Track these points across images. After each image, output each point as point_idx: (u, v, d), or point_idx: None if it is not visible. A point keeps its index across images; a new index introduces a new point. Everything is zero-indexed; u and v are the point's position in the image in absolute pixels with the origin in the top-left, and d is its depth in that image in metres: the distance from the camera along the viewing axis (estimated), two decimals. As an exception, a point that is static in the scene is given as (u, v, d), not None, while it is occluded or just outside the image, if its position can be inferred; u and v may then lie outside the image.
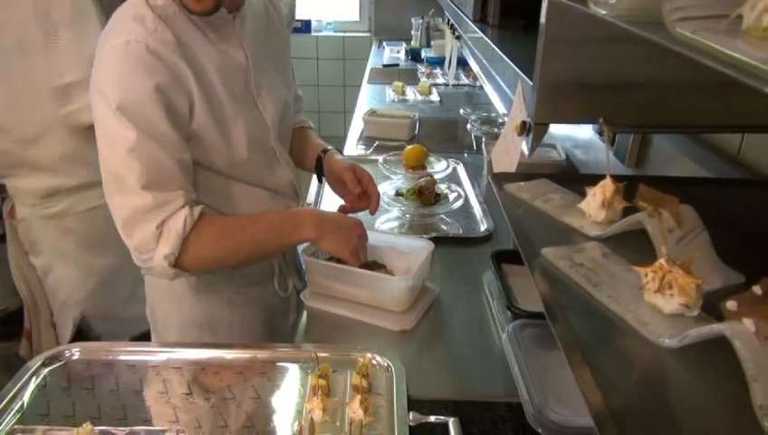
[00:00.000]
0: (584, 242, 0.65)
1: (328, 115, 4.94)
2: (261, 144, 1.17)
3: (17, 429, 0.85)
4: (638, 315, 0.51)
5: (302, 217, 1.14)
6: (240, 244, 1.10)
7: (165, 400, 0.94)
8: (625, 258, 0.61)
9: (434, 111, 2.75)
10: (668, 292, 0.50)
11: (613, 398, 0.43)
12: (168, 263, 1.01)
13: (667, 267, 0.51)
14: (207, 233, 1.04)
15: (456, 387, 1.04)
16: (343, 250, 1.15)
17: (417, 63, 3.71)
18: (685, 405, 0.44)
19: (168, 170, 1.01)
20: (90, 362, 1.01)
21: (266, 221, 1.13)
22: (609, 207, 0.67)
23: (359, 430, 0.85)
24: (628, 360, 0.50)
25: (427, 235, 1.47)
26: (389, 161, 1.88)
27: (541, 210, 0.72)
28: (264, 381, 0.98)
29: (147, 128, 0.98)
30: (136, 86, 0.97)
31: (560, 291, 0.55)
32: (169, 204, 1.01)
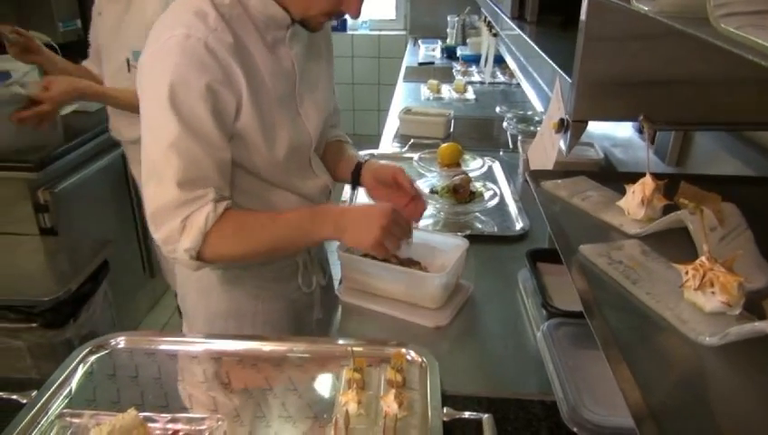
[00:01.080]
0: (623, 240, 0.65)
1: (362, 113, 4.97)
2: (299, 152, 1.19)
3: (66, 413, 0.89)
4: (677, 313, 0.51)
5: (321, 216, 1.12)
6: (259, 242, 1.10)
7: (204, 389, 0.97)
8: (665, 256, 0.60)
9: (469, 110, 2.74)
10: (709, 290, 0.50)
11: (652, 395, 0.43)
12: (189, 256, 1.04)
13: (709, 265, 0.50)
14: (228, 230, 1.06)
15: (489, 384, 1.04)
16: (365, 244, 1.10)
17: (452, 61, 3.70)
18: (725, 405, 0.44)
19: (204, 169, 1.03)
20: (133, 350, 1.05)
21: (286, 220, 1.12)
22: (648, 205, 0.66)
23: (393, 423, 0.86)
24: (668, 357, 0.49)
25: (462, 233, 1.47)
26: (424, 159, 1.88)
27: (578, 208, 0.72)
28: (300, 374, 0.99)
29: (191, 124, 1.00)
30: (188, 81, 0.99)
31: (597, 287, 0.55)
32: (197, 200, 1.03)
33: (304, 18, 1.09)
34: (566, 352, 0.97)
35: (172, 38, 0.99)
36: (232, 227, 1.07)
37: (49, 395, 0.92)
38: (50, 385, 0.93)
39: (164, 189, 1.03)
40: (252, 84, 1.06)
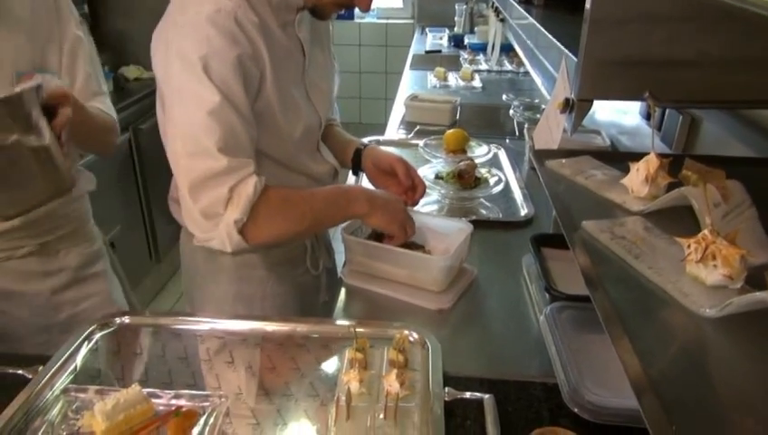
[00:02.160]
0: (626, 217, 0.64)
1: (369, 102, 4.96)
2: (310, 135, 1.19)
3: (71, 388, 0.90)
4: (679, 286, 0.51)
5: (354, 193, 1.17)
6: (302, 214, 1.10)
7: (208, 367, 0.97)
8: (668, 233, 0.60)
9: (476, 97, 2.73)
10: (711, 263, 0.49)
11: (653, 366, 0.43)
12: (236, 229, 1.01)
13: (711, 238, 0.50)
14: (274, 201, 1.05)
15: (491, 366, 1.05)
16: (392, 225, 1.17)
17: (459, 50, 3.68)
18: (726, 375, 0.44)
19: (241, 138, 1.01)
20: (138, 329, 1.05)
21: (323, 195, 1.15)
22: (652, 183, 0.66)
23: (394, 402, 0.86)
24: (669, 330, 0.49)
25: (467, 218, 1.47)
26: (430, 145, 1.88)
27: (582, 186, 0.72)
28: (303, 353, 1.00)
29: (228, 94, 0.99)
30: (222, 52, 0.98)
31: (600, 262, 0.55)
32: (242, 169, 1.01)
33: (316, 5, 1.09)
34: (568, 336, 0.97)
35: (201, 12, 0.99)
36: (277, 198, 1.06)
37: (54, 371, 0.93)
38: (55, 361, 0.94)
39: (203, 158, 0.99)
40: (274, 62, 1.06)
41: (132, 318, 1.06)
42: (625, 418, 0.80)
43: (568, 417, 0.87)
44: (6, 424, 0.82)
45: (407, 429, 0.83)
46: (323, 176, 1.24)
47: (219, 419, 0.85)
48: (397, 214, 1.17)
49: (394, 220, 1.17)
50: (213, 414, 0.86)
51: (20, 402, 0.86)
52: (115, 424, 0.81)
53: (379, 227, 1.20)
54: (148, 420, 0.84)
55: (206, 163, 0.99)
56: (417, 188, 1.30)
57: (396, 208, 1.18)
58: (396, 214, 1.17)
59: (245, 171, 1.01)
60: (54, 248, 1.32)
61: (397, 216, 1.17)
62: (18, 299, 1.30)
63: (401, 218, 1.18)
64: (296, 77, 1.14)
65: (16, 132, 0.95)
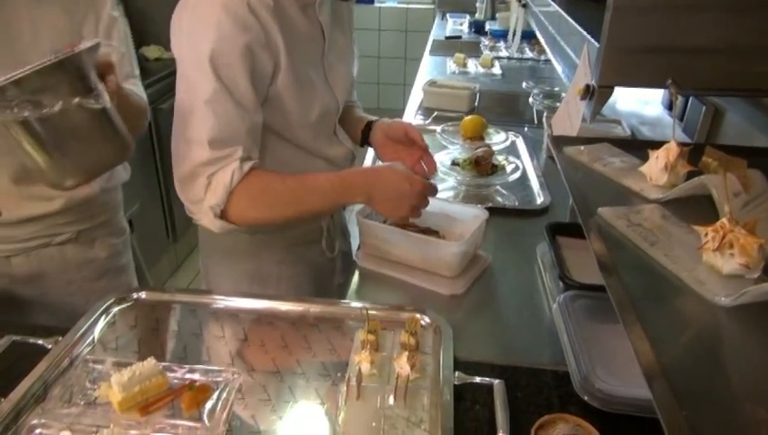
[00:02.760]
0: (643, 204, 0.64)
1: (387, 87, 4.94)
2: (327, 118, 1.19)
3: (89, 359, 0.92)
4: (695, 274, 0.50)
5: (351, 183, 1.11)
6: (285, 204, 1.09)
7: (222, 344, 0.99)
8: (686, 222, 0.59)
9: (495, 84, 2.70)
10: (728, 251, 0.49)
11: (665, 354, 0.43)
12: (213, 214, 1.04)
13: (729, 227, 0.50)
14: (254, 190, 1.05)
15: (503, 352, 1.05)
16: (392, 218, 1.15)
17: (480, 36, 3.64)
18: (739, 364, 0.43)
19: (235, 130, 1.02)
20: (155, 304, 1.07)
21: (314, 185, 1.10)
22: (671, 171, 0.65)
23: (404, 384, 0.87)
24: (682, 317, 0.49)
25: (483, 205, 1.46)
26: (447, 131, 1.87)
27: (600, 173, 0.71)
28: (315, 333, 1.01)
29: (228, 84, 1.00)
30: (229, 39, 0.98)
31: (615, 249, 0.55)
32: (225, 158, 1.03)
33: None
34: (581, 324, 0.97)
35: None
36: (258, 187, 1.06)
37: (73, 342, 0.95)
38: (74, 333, 0.96)
39: (193, 147, 1.02)
40: (289, 47, 1.05)
41: (149, 294, 1.08)
42: (635, 407, 0.79)
43: (577, 405, 0.87)
44: (26, 392, 0.85)
45: (416, 410, 0.84)
46: (339, 159, 1.24)
47: (232, 394, 0.86)
48: (401, 208, 1.09)
49: (394, 214, 1.12)
50: (225, 389, 0.87)
51: (40, 371, 0.88)
52: (131, 395, 0.83)
53: (382, 214, 1.17)
54: (162, 393, 0.86)
55: (195, 152, 1.02)
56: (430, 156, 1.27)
57: (401, 203, 1.09)
58: (399, 208, 1.09)
59: (228, 160, 1.03)
60: (90, 237, 1.34)
61: (400, 210, 1.10)
62: (52, 283, 1.31)
63: (404, 213, 1.11)
64: (315, 60, 1.13)
65: (77, 95, 0.94)
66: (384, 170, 1.13)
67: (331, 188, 1.09)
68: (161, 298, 1.08)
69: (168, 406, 0.85)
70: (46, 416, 0.82)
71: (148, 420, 0.82)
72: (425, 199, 1.11)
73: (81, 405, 0.84)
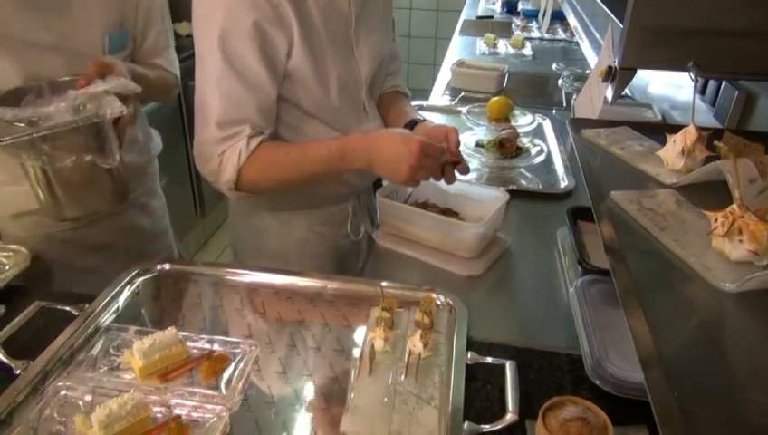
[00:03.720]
0: (658, 189, 0.63)
1: (417, 67, 4.89)
2: (352, 93, 1.19)
3: (113, 326, 0.96)
4: (702, 260, 0.50)
5: (350, 149, 1.11)
6: (290, 175, 1.13)
7: (241, 316, 1.01)
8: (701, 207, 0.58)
9: (525, 65, 2.66)
10: (737, 237, 0.48)
11: (663, 339, 0.43)
12: (228, 188, 1.11)
13: (739, 212, 0.49)
14: (260, 163, 1.10)
15: (517, 334, 1.05)
16: (395, 182, 1.12)
17: (512, 16, 3.58)
18: (738, 350, 0.43)
19: (244, 109, 1.06)
20: (178, 276, 1.10)
21: (316, 154, 1.12)
22: (689, 156, 0.64)
23: (417, 361, 0.88)
24: (686, 303, 0.48)
25: (505, 187, 1.45)
26: (473, 112, 1.86)
27: (616, 156, 0.70)
28: (332, 310, 1.03)
29: (237, 63, 1.02)
30: (237, 18, 1.00)
31: (623, 232, 0.54)
32: (233, 137, 1.08)
33: None
34: (597, 309, 0.96)
35: None
36: (264, 160, 1.11)
37: (99, 310, 0.98)
38: (100, 301, 1.00)
39: (206, 127, 1.08)
40: (303, 22, 1.05)
41: (172, 266, 1.11)
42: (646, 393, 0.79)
43: (590, 389, 0.87)
44: (53, 355, 0.88)
45: (426, 388, 0.85)
46: None
47: (248, 365, 0.89)
48: (400, 170, 1.06)
49: (396, 177, 1.08)
50: (243, 360, 0.90)
51: (66, 337, 0.92)
52: (151, 362, 0.86)
53: (385, 178, 1.16)
54: (182, 361, 0.88)
55: (205, 132, 1.09)
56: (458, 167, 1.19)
57: (399, 165, 1.06)
58: (399, 171, 1.06)
59: (236, 138, 1.08)
60: (139, 203, 1.40)
61: (399, 172, 1.06)
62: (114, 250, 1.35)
63: (404, 175, 1.06)
64: (340, 33, 1.13)
65: (91, 152, 1.03)
66: (381, 134, 1.13)
67: (331, 155, 1.11)
68: (184, 270, 1.11)
69: (186, 374, 0.87)
70: (71, 379, 0.85)
71: (168, 386, 0.85)
72: (426, 159, 1.07)
73: (104, 370, 0.88)
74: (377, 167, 1.10)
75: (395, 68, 1.41)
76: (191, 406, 0.82)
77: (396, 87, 1.40)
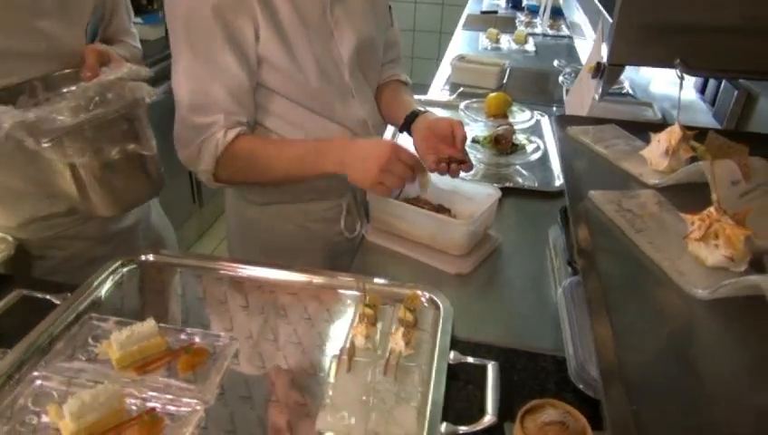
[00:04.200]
0: (640, 189, 0.61)
1: (420, 61, 4.87)
2: (333, 77, 1.17)
3: (93, 316, 0.94)
4: (676, 265, 0.48)
5: (324, 151, 1.10)
6: (266, 169, 1.14)
7: (224, 309, 1.00)
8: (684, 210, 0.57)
9: (527, 62, 2.63)
10: (713, 242, 0.46)
11: (628, 349, 0.41)
12: (205, 178, 1.12)
13: (716, 216, 0.47)
14: (237, 157, 1.11)
15: (503, 334, 1.03)
16: (364, 184, 1.09)
17: (516, 11, 3.55)
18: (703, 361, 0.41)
19: (213, 96, 1.06)
20: (161, 267, 1.09)
21: (293, 151, 1.13)
22: (673, 156, 0.62)
23: (396, 360, 0.87)
24: (655, 310, 0.47)
25: (500, 184, 1.43)
26: (471, 108, 1.84)
27: (600, 154, 0.68)
28: (316, 304, 1.01)
29: (202, 49, 1.04)
30: (196, 6, 1.01)
31: (598, 234, 0.52)
32: (209, 127, 1.08)
33: None
34: (583, 311, 0.94)
35: None
36: (241, 154, 1.11)
37: (80, 299, 0.97)
38: (81, 291, 0.99)
39: (181, 115, 1.09)
40: (267, 6, 1.05)
41: (156, 256, 1.10)
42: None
43: (573, 392, 0.85)
44: (31, 344, 0.87)
45: (406, 386, 0.84)
46: (353, 124, 1.22)
47: (227, 359, 0.88)
48: (368, 171, 1.04)
49: (364, 178, 1.06)
50: (222, 354, 0.88)
51: (46, 326, 0.91)
52: (129, 353, 0.85)
53: (355, 182, 1.11)
54: (160, 354, 0.87)
55: (181, 120, 1.10)
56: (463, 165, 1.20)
57: (368, 165, 1.04)
58: (367, 171, 1.04)
59: (213, 128, 1.09)
60: None
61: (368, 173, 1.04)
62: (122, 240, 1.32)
63: (373, 176, 1.04)
64: (314, 15, 1.11)
65: (129, 141, 1.03)
66: (360, 140, 1.14)
67: (306, 154, 1.12)
68: (167, 261, 1.10)
69: (165, 367, 0.86)
70: (48, 368, 0.84)
71: (144, 379, 0.84)
72: (396, 164, 1.04)
73: (82, 360, 0.87)
74: (348, 167, 1.08)
75: (393, 55, 1.39)
76: (167, 399, 0.81)
77: (394, 76, 1.38)
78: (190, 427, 0.77)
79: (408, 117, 1.27)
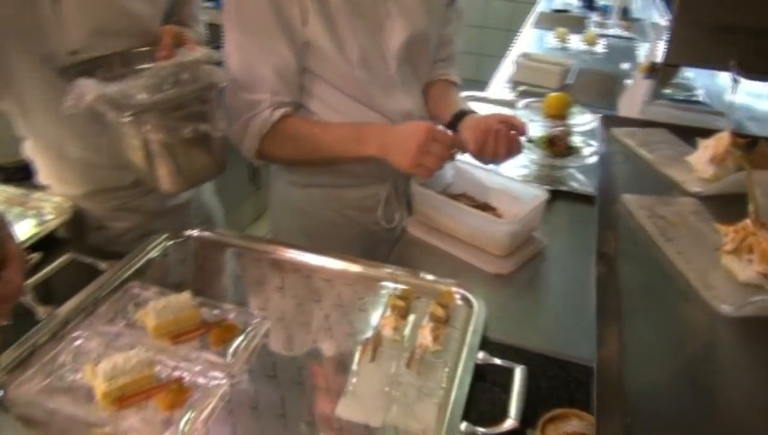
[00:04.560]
0: (679, 197, 0.58)
1: (487, 59, 4.77)
2: (378, 68, 1.16)
3: (136, 284, 0.98)
4: (705, 277, 0.45)
5: (366, 133, 1.13)
6: (310, 150, 1.16)
7: (260, 289, 1.02)
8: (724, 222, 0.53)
9: (596, 63, 2.54)
10: (747, 256, 0.43)
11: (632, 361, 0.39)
12: (249, 154, 1.16)
13: (752, 229, 0.43)
14: (281, 137, 1.13)
15: (537, 339, 1.00)
16: (404, 165, 1.08)
17: (590, 11, 3.43)
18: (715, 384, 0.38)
19: (261, 75, 1.09)
20: (205, 243, 1.12)
21: (336, 133, 1.15)
22: (719, 164, 0.58)
23: (421, 354, 0.86)
24: (673, 323, 0.44)
25: (551, 187, 1.39)
26: (529, 107, 1.79)
27: (643, 159, 0.65)
28: (349, 293, 1.02)
29: (252, 32, 1.06)
30: None
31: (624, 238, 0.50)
32: (256, 106, 1.10)
33: None
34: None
35: None
36: (285, 134, 1.14)
37: (126, 268, 1.02)
38: (127, 260, 1.03)
39: (231, 89, 1.11)
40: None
41: (200, 233, 1.13)
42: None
43: (604, 405, 0.82)
44: (77, 306, 0.92)
45: (428, 382, 0.83)
46: (396, 115, 1.22)
47: (257, 337, 0.89)
48: (408, 150, 1.05)
49: (404, 158, 1.07)
50: (253, 332, 0.90)
51: (92, 289, 0.96)
52: (164, 323, 0.88)
53: (396, 165, 1.10)
54: (194, 326, 0.90)
55: (230, 96, 1.12)
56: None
57: (407, 144, 1.05)
58: (407, 151, 1.05)
59: (259, 107, 1.11)
60: None
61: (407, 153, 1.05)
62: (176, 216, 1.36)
63: (412, 156, 1.05)
64: (365, 3, 1.11)
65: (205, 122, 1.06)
66: (399, 124, 1.15)
67: (348, 136, 1.14)
68: (211, 239, 1.13)
69: (198, 339, 0.89)
70: (89, 329, 0.89)
71: (177, 348, 0.87)
72: (434, 144, 1.05)
73: (121, 325, 0.91)
74: (389, 149, 1.09)
75: (446, 54, 1.37)
76: (195, 370, 0.83)
77: (445, 75, 1.36)
78: (214, 399, 0.79)
79: (456, 114, 1.25)
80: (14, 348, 0.84)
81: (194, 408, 0.78)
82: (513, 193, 1.25)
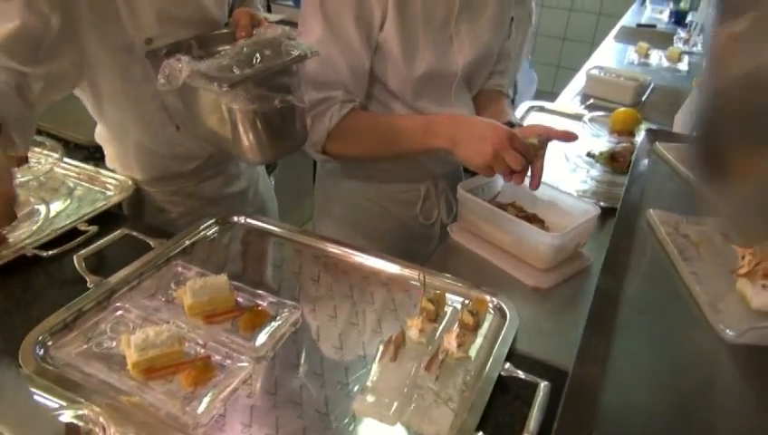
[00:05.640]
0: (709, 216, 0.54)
1: (566, 72, 4.66)
2: (440, 82, 1.17)
3: (180, 263, 1.03)
4: (716, 300, 0.42)
5: (435, 125, 1.10)
6: (377, 144, 1.16)
7: (295, 280, 1.04)
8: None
9: (675, 81, 2.42)
10: (761, 282, 0.40)
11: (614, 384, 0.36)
12: (315, 150, 1.16)
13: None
14: (348, 130, 1.13)
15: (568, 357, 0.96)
16: (474, 162, 1.06)
17: (678, 27, 3.26)
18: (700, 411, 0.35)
19: (338, 72, 1.09)
20: (250, 231, 1.16)
21: (402, 126, 1.13)
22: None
23: (443, 359, 0.85)
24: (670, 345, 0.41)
25: (608, 204, 1.34)
26: (596, 120, 1.73)
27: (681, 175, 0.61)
28: (383, 292, 1.02)
29: (335, 27, 1.06)
30: None
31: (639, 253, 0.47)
32: (326, 101, 1.11)
33: None
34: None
35: None
36: (352, 128, 1.14)
37: (172, 247, 1.07)
38: (175, 240, 1.08)
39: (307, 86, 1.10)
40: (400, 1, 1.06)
41: (246, 220, 1.17)
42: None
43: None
44: (123, 278, 0.98)
45: (447, 388, 0.82)
46: None
47: (285, 326, 0.91)
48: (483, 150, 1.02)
49: (477, 157, 1.04)
50: (282, 320, 0.92)
51: (139, 264, 1.01)
52: (199, 302, 0.91)
53: (464, 161, 1.09)
54: (227, 308, 0.93)
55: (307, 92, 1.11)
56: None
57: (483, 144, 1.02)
58: (481, 150, 1.02)
59: (329, 102, 1.12)
60: None
61: (482, 153, 1.03)
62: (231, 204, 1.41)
63: (486, 157, 1.03)
64: (440, 17, 1.11)
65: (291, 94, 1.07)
66: (470, 116, 1.13)
67: (414, 128, 1.12)
68: (255, 226, 1.16)
69: (230, 321, 0.92)
70: (131, 302, 0.94)
71: (209, 328, 0.90)
72: (511, 152, 1.02)
73: (160, 301, 0.95)
74: (460, 146, 1.06)
75: (503, 67, 1.35)
76: (223, 351, 0.86)
77: (498, 86, 1.35)
78: (236, 380, 0.82)
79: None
80: (62, 311, 0.89)
81: (216, 387, 0.80)
82: (563, 207, 1.22)
